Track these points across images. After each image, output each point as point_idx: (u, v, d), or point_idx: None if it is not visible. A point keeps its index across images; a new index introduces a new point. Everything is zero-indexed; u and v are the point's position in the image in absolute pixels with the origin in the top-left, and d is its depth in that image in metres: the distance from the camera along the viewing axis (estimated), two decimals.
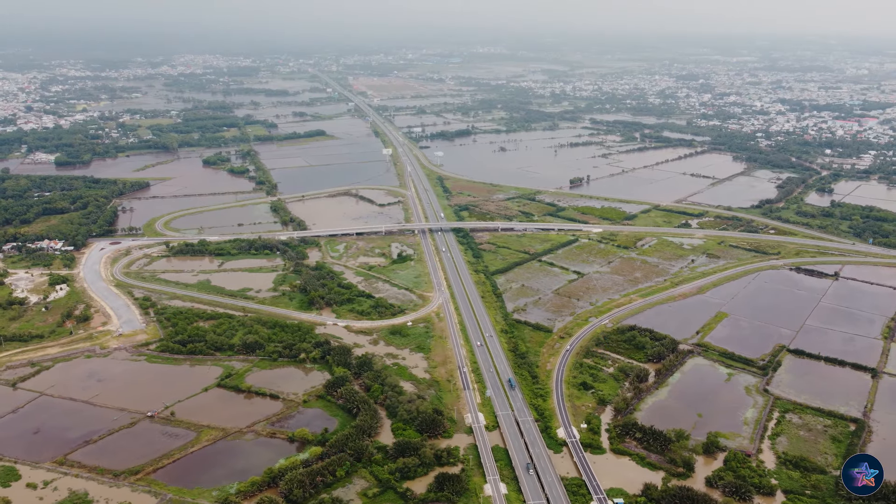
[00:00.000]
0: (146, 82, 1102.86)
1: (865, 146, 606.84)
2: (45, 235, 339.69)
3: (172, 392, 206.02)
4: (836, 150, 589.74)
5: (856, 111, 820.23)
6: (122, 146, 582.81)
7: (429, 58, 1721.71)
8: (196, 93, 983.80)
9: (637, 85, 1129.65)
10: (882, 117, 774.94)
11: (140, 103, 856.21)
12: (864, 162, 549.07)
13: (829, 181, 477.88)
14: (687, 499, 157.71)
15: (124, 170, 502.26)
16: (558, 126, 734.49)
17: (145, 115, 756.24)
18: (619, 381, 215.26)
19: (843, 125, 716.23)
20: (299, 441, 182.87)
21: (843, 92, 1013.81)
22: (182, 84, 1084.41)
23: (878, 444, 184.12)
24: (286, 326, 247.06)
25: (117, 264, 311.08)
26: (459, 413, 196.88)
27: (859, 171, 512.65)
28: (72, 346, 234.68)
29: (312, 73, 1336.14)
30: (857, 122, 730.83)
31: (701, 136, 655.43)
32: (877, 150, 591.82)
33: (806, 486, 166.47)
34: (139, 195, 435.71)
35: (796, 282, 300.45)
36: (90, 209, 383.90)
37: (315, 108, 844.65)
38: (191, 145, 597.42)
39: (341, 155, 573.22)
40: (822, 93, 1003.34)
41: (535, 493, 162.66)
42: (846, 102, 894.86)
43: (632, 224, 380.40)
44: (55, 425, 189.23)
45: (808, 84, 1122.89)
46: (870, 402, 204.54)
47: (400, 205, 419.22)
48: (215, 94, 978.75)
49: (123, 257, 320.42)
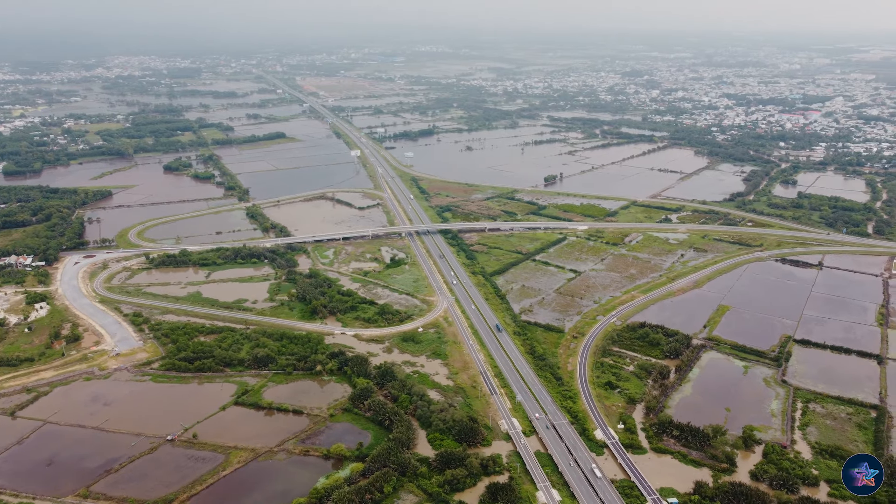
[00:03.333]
0: (83, 85, 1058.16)
1: (816, 138, 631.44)
2: (12, 251, 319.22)
3: (187, 412, 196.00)
4: (790, 142, 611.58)
5: (798, 105, 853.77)
6: (74, 153, 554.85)
7: (373, 57, 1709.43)
8: (139, 96, 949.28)
9: (585, 82, 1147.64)
10: (824, 110, 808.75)
11: (82, 108, 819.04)
12: (817, 154, 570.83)
13: (791, 173, 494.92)
14: (741, 495, 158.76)
15: (81, 178, 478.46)
16: (518, 124, 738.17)
17: (91, 119, 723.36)
18: (641, 378, 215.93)
19: (790, 118, 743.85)
20: (335, 458, 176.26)
21: (781, 86, 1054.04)
22: (122, 87, 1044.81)
23: None
24: (294, 338, 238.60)
25: (97, 279, 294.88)
26: (493, 420, 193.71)
27: (816, 163, 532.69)
28: (67, 368, 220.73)
29: (257, 73, 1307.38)
30: (802, 116, 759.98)
31: (659, 132, 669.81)
32: (826, 142, 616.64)
33: None
34: (103, 205, 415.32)
35: (785, 273, 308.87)
36: (54, 221, 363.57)
37: (268, 110, 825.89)
38: (146, 151, 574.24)
39: (307, 157, 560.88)
40: (762, 87, 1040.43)
41: (590, 498, 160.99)
42: (787, 96, 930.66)
43: (615, 220, 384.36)
44: (69, 455, 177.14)
45: (747, 79, 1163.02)
46: (883, 388, 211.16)
47: (379, 207, 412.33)
48: (159, 97, 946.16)
49: (101, 271, 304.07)
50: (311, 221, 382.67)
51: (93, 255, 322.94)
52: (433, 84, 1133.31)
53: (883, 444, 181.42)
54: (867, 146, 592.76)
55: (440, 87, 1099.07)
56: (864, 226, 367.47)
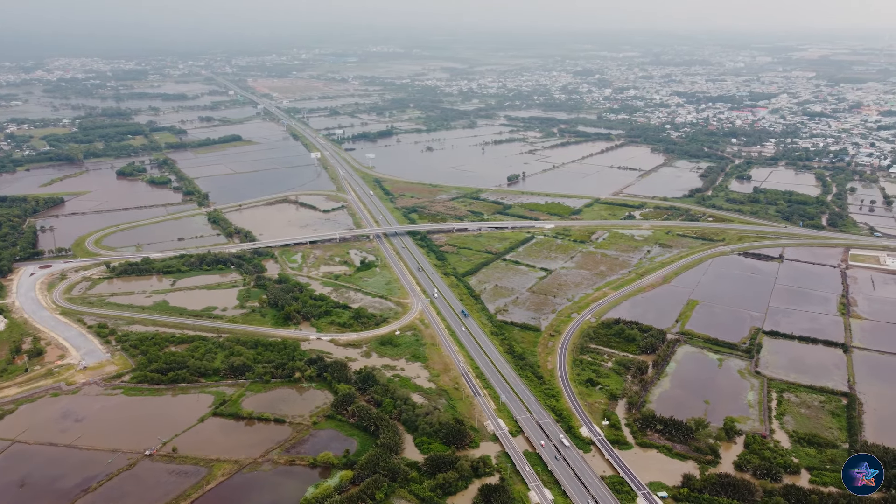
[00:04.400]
0: (23, 88, 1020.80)
1: (765, 134, 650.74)
2: None
3: (164, 426, 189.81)
4: (741, 139, 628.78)
5: (746, 102, 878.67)
6: (19, 159, 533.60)
7: (324, 57, 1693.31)
8: (84, 99, 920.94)
9: (539, 81, 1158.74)
10: (770, 107, 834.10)
11: (24, 112, 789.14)
12: (767, 150, 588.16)
13: (745, 168, 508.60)
14: (728, 486, 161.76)
15: (29, 185, 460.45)
16: (477, 124, 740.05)
17: (34, 124, 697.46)
18: (620, 374, 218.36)
19: (739, 115, 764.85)
20: (322, 466, 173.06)
21: (728, 84, 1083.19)
22: (65, 90, 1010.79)
23: (871, 414, 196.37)
24: (270, 345, 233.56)
25: (56, 290, 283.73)
26: (479, 421, 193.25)
27: (767, 158, 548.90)
28: (32, 384, 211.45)
29: (206, 75, 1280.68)
30: (751, 113, 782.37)
31: (616, 130, 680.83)
32: (776, 137, 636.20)
33: (825, 462, 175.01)
34: (55, 212, 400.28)
35: (748, 266, 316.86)
36: (5, 230, 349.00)
37: (221, 113, 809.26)
38: (97, 156, 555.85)
39: (265, 160, 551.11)
40: (710, 85, 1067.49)
41: (582, 496, 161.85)
42: (735, 94, 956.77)
43: (580, 218, 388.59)
44: (43, 476, 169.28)
45: (695, 77, 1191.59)
46: (850, 375, 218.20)
47: (344, 210, 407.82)
48: (106, 100, 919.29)
49: (60, 282, 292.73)
50: (275, 225, 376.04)
51: (49, 266, 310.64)
52: (388, 84, 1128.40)
53: (856, 430, 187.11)
54: (814, 142, 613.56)
55: (395, 87, 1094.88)
56: (818, 219, 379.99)
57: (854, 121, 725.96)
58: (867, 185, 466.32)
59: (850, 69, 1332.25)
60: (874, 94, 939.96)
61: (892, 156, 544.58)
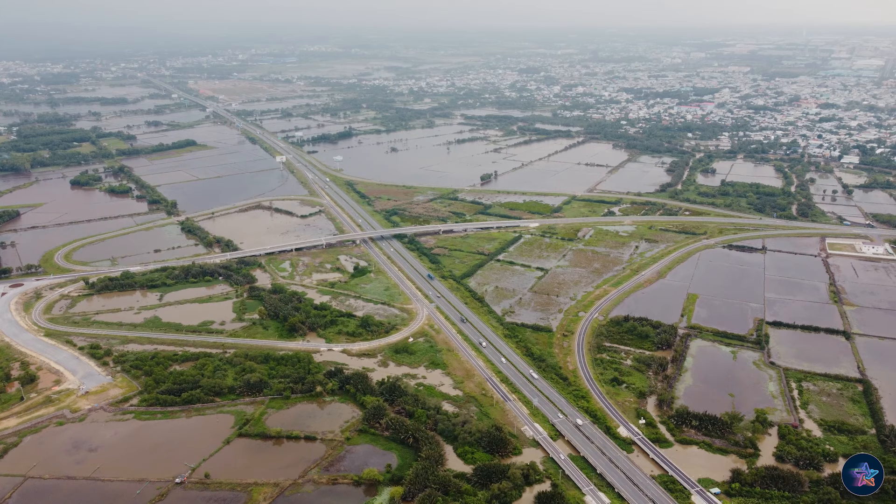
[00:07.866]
0: None
1: (718, 129, 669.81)
2: None
3: (188, 450, 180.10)
4: (696, 133, 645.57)
5: (692, 97, 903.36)
6: None
7: (262, 58, 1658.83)
8: (15, 105, 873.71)
9: (486, 80, 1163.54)
10: (715, 101, 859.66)
11: None
12: (723, 143, 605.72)
13: (708, 162, 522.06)
14: (778, 478, 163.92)
15: None
16: (434, 123, 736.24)
17: None
18: (641, 371, 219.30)
19: (689, 110, 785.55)
20: (367, 483, 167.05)
21: (671, 79, 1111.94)
22: None
23: (888, 399, 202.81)
24: (281, 359, 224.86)
25: (34, 310, 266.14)
26: (516, 427, 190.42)
27: (725, 152, 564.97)
28: (32, 414, 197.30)
29: (142, 77, 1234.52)
30: (699, 107, 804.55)
31: (573, 127, 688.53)
32: (728, 131, 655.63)
33: (857, 448, 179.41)
34: (12, 227, 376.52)
35: (735, 258, 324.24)
36: None
37: (168, 117, 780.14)
38: (44, 165, 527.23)
39: (226, 165, 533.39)
40: (654, 81, 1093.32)
41: (638, 497, 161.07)
42: (680, 89, 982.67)
43: (562, 216, 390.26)
44: None
45: (636, 73, 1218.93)
46: (859, 362, 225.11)
47: (322, 215, 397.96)
48: (39, 105, 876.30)
49: (37, 301, 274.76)
50: (253, 233, 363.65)
51: (20, 284, 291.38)
52: (334, 85, 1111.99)
53: (879, 416, 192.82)
54: (765, 134, 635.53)
55: (342, 87, 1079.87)
56: (789, 209, 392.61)
57: (796, 113, 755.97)
58: (823, 175, 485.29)
59: (780, 63, 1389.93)
60: (809, 88, 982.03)
61: (840, 147, 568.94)
